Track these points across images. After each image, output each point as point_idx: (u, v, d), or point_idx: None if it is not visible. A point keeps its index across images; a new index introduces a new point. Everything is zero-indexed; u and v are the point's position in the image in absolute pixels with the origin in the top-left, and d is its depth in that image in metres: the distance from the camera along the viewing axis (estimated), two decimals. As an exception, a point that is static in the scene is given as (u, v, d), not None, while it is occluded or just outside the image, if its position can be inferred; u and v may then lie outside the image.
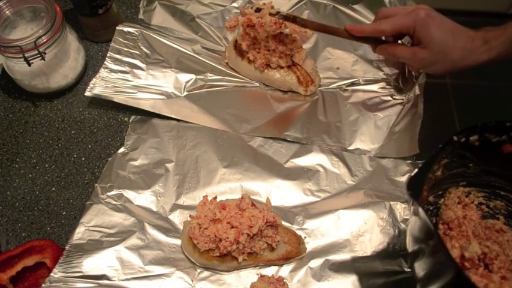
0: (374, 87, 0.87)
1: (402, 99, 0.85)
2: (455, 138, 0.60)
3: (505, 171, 0.66)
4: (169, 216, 0.74)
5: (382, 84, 0.87)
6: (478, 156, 0.64)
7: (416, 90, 0.85)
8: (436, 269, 0.55)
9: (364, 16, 0.95)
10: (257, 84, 0.88)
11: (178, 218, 0.74)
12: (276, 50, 0.84)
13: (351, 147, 0.81)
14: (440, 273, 0.54)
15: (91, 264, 0.68)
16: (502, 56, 0.70)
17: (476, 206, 0.70)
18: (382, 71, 0.89)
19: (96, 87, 0.84)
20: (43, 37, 0.78)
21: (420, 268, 0.59)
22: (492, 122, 0.60)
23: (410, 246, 0.62)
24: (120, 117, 0.85)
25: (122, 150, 0.80)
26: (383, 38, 0.78)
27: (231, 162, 0.79)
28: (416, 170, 0.59)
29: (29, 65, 0.78)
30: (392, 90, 0.86)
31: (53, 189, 0.78)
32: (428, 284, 0.57)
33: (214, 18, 0.95)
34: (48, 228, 0.74)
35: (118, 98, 0.83)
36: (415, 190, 0.55)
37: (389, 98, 0.86)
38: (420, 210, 0.53)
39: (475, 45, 0.70)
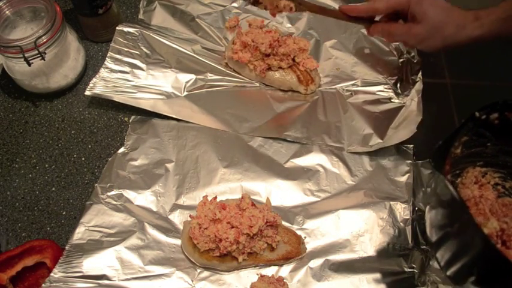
0: (373, 89, 0.87)
1: (401, 102, 0.85)
2: (477, 114, 0.61)
3: None
4: (169, 216, 0.74)
5: (381, 87, 0.87)
6: (497, 135, 0.65)
7: (415, 96, 0.84)
8: (462, 248, 0.56)
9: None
10: (257, 84, 0.88)
11: (178, 218, 0.74)
12: (277, 53, 0.84)
13: (350, 147, 0.81)
14: (467, 251, 0.54)
15: (91, 264, 0.68)
16: (494, 34, 0.73)
17: (492, 187, 0.70)
18: (382, 74, 0.89)
19: (96, 87, 0.84)
20: (43, 37, 0.78)
21: (446, 252, 0.59)
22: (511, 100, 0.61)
23: (433, 236, 0.62)
24: (120, 117, 0.85)
25: (122, 150, 0.80)
26: (377, 18, 0.81)
27: (231, 162, 0.79)
28: (440, 142, 0.60)
29: (29, 65, 0.78)
30: (391, 93, 0.86)
31: (53, 189, 0.78)
32: (454, 264, 0.57)
33: (214, 18, 0.95)
34: (48, 228, 0.74)
35: (118, 98, 0.83)
36: (439, 162, 0.55)
37: (388, 100, 0.86)
38: (447, 182, 0.53)
39: (467, 21, 0.73)
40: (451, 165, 0.64)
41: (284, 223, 0.73)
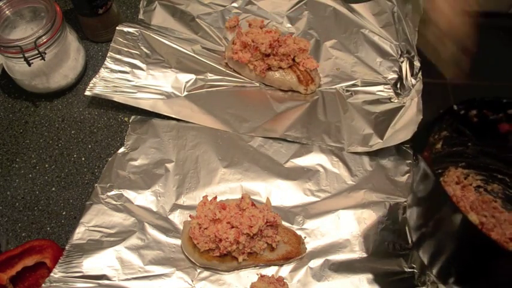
0: (373, 89, 0.87)
1: (401, 102, 0.85)
2: (455, 107, 0.61)
3: (502, 153, 0.67)
4: (169, 216, 0.74)
5: (381, 87, 0.87)
6: (477, 134, 0.65)
7: (415, 96, 0.84)
8: (442, 241, 0.56)
9: (363, 17, 0.95)
10: (257, 84, 0.88)
11: (178, 218, 0.74)
12: (277, 53, 0.84)
13: (350, 147, 0.81)
14: (448, 244, 0.54)
15: (91, 264, 0.68)
16: None
17: (474, 189, 0.71)
18: (381, 74, 0.89)
19: (96, 87, 0.84)
20: (43, 37, 0.78)
21: (427, 251, 0.59)
22: (490, 97, 0.61)
23: (413, 236, 0.62)
24: (120, 117, 0.85)
25: (122, 150, 0.80)
26: None
27: (231, 162, 0.79)
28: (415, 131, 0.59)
29: (29, 65, 0.78)
30: (391, 93, 0.86)
31: (53, 189, 0.78)
32: (437, 262, 0.57)
33: (214, 18, 0.95)
34: (48, 228, 0.74)
35: (118, 98, 0.83)
36: (418, 144, 0.55)
37: (388, 100, 0.86)
38: (423, 163, 0.53)
39: None
40: (432, 160, 0.64)
41: (284, 223, 0.73)
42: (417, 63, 0.89)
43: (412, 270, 0.69)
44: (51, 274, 0.67)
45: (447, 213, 0.53)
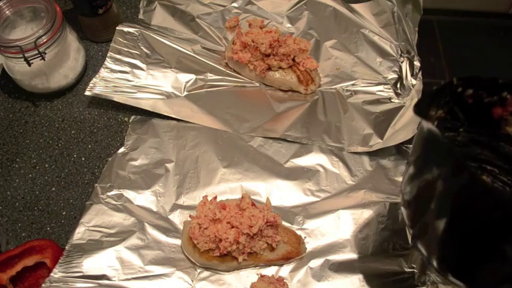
0: (373, 89, 0.87)
1: (401, 102, 0.85)
2: (454, 81, 0.60)
3: (493, 142, 0.66)
4: (169, 216, 0.74)
5: (381, 87, 0.87)
6: (469, 119, 0.64)
7: (415, 96, 0.84)
8: (438, 221, 0.55)
9: (363, 17, 0.95)
10: (257, 84, 0.88)
11: (178, 218, 0.74)
12: (277, 53, 0.84)
13: (350, 147, 0.81)
14: (443, 221, 0.54)
15: (91, 264, 0.68)
16: None
17: None
18: (381, 74, 0.88)
19: (96, 86, 0.84)
20: (43, 37, 0.78)
21: (425, 237, 0.59)
22: (487, 77, 0.61)
23: (412, 224, 0.61)
24: (120, 117, 0.85)
25: (122, 150, 0.80)
26: None
27: (231, 162, 0.79)
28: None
29: (29, 65, 0.78)
30: (391, 93, 0.86)
31: (53, 189, 0.78)
32: (435, 247, 0.57)
33: (214, 18, 0.95)
34: (48, 228, 0.74)
35: (118, 98, 0.83)
36: (421, 108, 0.54)
37: (388, 100, 0.86)
38: (427, 124, 0.52)
39: None
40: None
41: (284, 223, 0.73)
42: (417, 63, 0.89)
43: (412, 270, 0.69)
44: (51, 274, 0.67)
45: (455, 172, 0.51)
